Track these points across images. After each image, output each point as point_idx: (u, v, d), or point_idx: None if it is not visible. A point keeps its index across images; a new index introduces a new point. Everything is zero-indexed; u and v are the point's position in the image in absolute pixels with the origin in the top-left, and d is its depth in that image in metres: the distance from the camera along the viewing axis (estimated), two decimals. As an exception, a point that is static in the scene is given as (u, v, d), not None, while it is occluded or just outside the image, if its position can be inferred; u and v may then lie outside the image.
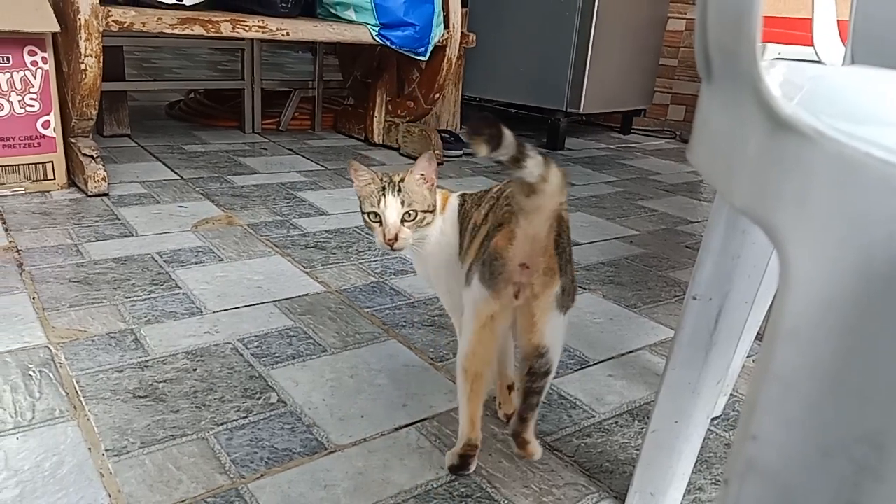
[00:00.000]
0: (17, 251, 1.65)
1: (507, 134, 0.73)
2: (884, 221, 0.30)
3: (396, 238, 0.98)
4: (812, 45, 1.46)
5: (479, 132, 0.72)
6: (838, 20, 1.42)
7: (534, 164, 0.76)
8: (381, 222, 0.99)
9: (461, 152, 3.12)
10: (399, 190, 0.98)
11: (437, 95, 2.97)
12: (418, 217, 0.99)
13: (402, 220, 0.98)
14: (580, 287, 1.71)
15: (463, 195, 1.06)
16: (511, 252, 0.84)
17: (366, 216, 1.01)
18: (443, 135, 3.11)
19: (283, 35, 2.45)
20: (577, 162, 3.23)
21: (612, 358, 1.36)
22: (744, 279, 0.75)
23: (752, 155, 0.34)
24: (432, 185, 1.01)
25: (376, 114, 3.15)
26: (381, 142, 3.17)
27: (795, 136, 0.32)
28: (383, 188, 0.98)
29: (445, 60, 2.86)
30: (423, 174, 0.99)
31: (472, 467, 0.97)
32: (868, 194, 0.31)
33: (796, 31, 2.51)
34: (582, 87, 3.31)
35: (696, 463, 0.90)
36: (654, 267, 1.90)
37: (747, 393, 0.33)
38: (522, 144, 0.75)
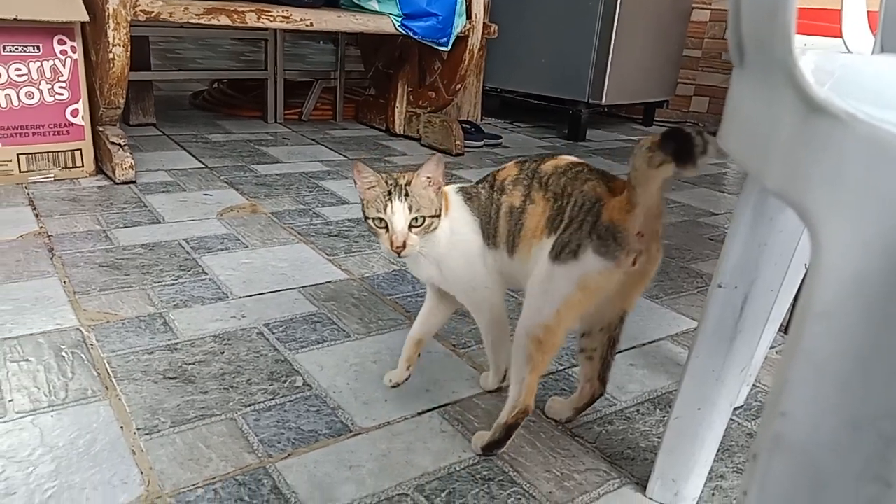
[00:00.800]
0: (48, 236, 1.69)
1: (693, 134, 0.75)
2: (916, 202, 0.31)
3: (404, 245, 0.96)
4: (840, 36, 1.45)
5: (681, 149, 0.75)
6: (868, 11, 1.40)
7: (712, 146, 0.76)
8: (387, 228, 0.97)
9: (482, 143, 3.12)
10: (406, 194, 0.95)
11: (459, 86, 2.98)
12: (426, 223, 0.97)
13: (410, 227, 0.96)
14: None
15: (461, 188, 1.04)
16: (630, 222, 0.85)
17: (371, 221, 0.99)
18: (464, 125, 3.11)
19: (306, 25, 2.47)
20: (598, 153, 3.22)
21: (634, 347, 1.37)
22: (770, 267, 0.75)
23: (786, 138, 0.35)
24: (439, 187, 0.99)
25: (398, 104, 3.16)
26: (402, 132, 3.18)
27: (828, 120, 0.32)
28: (389, 192, 0.96)
29: (467, 51, 2.86)
30: (429, 177, 0.97)
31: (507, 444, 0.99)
32: (901, 176, 0.31)
33: (822, 22, 2.48)
34: (604, 78, 3.30)
35: (718, 452, 0.91)
36: (676, 258, 1.90)
37: (776, 371, 0.34)
38: (701, 133, 0.76)
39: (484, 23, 2.94)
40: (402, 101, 3.17)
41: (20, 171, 2.05)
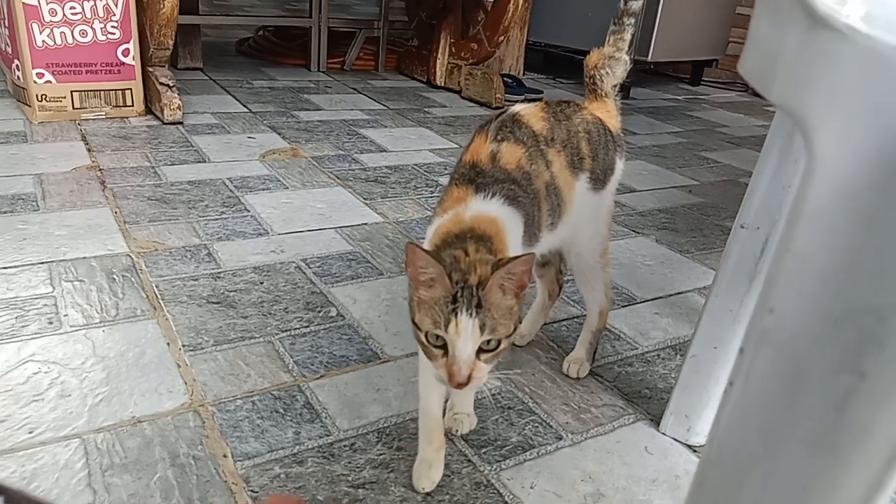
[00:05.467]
0: (100, 170, 1.76)
1: None
2: (906, 111, 0.33)
3: (469, 380, 0.70)
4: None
5: None
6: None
7: None
8: (445, 350, 0.70)
9: (523, 97, 3.10)
10: (479, 305, 0.68)
11: (502, 38, 2.96)
12: (500, 347, 0.71)
13: (479, 351, 0.70)
14: (633, 231, 1.73)
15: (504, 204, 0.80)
16: (618, 120, 1.05)
17: (422, 335, 0.71)
18: (505, 79, 3.10)
19: (351, -29, 2.46)
20: (641, 111, 3.18)
21: (660, 297, 1.39)
22: (792, 209, 0.76)
23: (790, 52, 0.37)
24: (522, 291, 0.72)
25: (440, 56, 3.16)
26: (443, 84, 3.18)
27: (829, 32, 0.34)
28: (454, 300, 0.68)
29: (512, 2, 2.83)
30: (512, 276, 0.70)
31: None
32: (893, 86, 0.33)
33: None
34: (652, 34, 3.23)
35: (733, 393, 0.93)
36: (712, 216, 1.90)
37: (767, 271, 0.36)
38: None
39: (530, -26, 2.90)
40: (444, 52, 3.16)
41: (73, 108, 2.13)
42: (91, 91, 2.14)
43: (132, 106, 2.22)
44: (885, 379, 0.34)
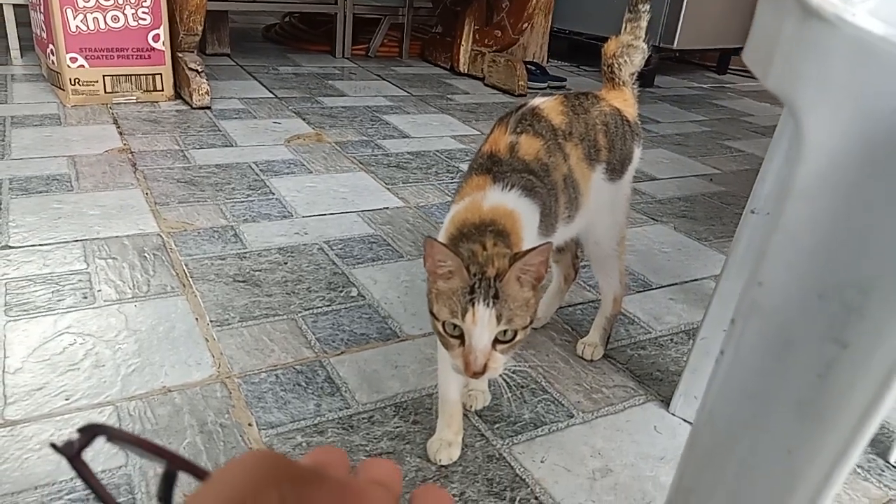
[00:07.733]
0: (131, 153, 1.82)
1: None
2: (889, 97, 0.35)
3: (485, 369, 0.71)
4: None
5: None
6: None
7: None
8: (462, 340, 0.71)
9: (546, 85, 3.11)
10: (496, 296, 0.69)
11: (526, 25, 2.96)
12: (517, 338, 0.72)
13: (495, 342, 0.71)
14: (651, 218, 1.74)
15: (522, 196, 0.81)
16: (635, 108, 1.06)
17: (440, 325, 0.73)
18: (528, 66, 3.10)
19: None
20: (665, 100, 3.16)
21: (675, 284, 1.40)
22: (802, 196, 0.78)
23: (785, 41, 0.39)
24: (539, 283, 0.73)
25: (463, 43, 3.17)
26: (466, 71, 3.19)
27: (820, 23, 0.36)
28: (472, 290, 0.69)
29: (536, -11, 2.83)
30: (530, 267, 0.71)
31: None
32: (878, 74, 0.35)
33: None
34: (678, 21, 3.20)
35: (743, 376, 0.95)
36: (732, 205, 1.90)
37: (759, 246, 0.39)
38: None
39: (555, -40, 2.89)
40: (467, 39, 3.17)
41: (105, 92, 2.18)
42: (123, 75, 2.20)
43: (162, 90, 2.27)
44: (864, 348, 0.36)
